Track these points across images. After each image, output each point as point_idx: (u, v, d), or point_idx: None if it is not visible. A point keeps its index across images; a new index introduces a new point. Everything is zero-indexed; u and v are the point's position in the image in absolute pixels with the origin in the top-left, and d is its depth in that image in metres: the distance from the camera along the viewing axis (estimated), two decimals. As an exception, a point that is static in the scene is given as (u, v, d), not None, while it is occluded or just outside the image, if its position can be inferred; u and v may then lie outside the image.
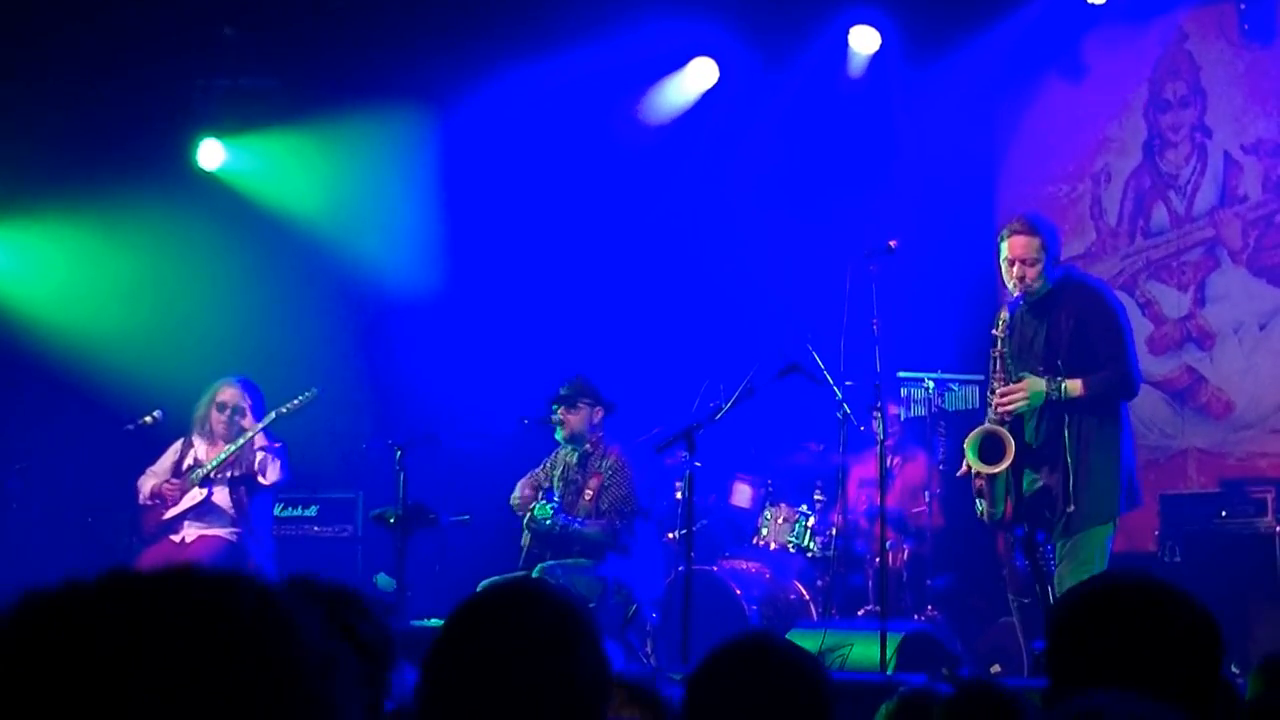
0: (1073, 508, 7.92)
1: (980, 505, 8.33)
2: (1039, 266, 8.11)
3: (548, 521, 9.82)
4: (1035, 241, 8.10)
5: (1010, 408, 8.03)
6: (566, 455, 10.30)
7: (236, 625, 1.41)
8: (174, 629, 1.39)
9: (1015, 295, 8.24)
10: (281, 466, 10.41)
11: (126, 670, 1.37)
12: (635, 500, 10.01)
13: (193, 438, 10.55)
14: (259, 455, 10.36)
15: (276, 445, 10.47)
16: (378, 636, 3.20)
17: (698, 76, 12.79)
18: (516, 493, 10.26)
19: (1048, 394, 8.01)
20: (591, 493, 10.05)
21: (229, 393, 10.49)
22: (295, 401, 10.50)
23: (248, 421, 10.42)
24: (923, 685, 3.76)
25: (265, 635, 1.42)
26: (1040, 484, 8.10)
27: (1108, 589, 3.10)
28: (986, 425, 8.18)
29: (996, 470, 8.04)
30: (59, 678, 1.36)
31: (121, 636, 1.38)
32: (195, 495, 10.35)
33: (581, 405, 10.15)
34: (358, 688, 1.53)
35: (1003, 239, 8.21)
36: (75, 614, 1.41)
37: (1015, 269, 8.15)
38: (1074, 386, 7.99)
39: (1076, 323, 8.09)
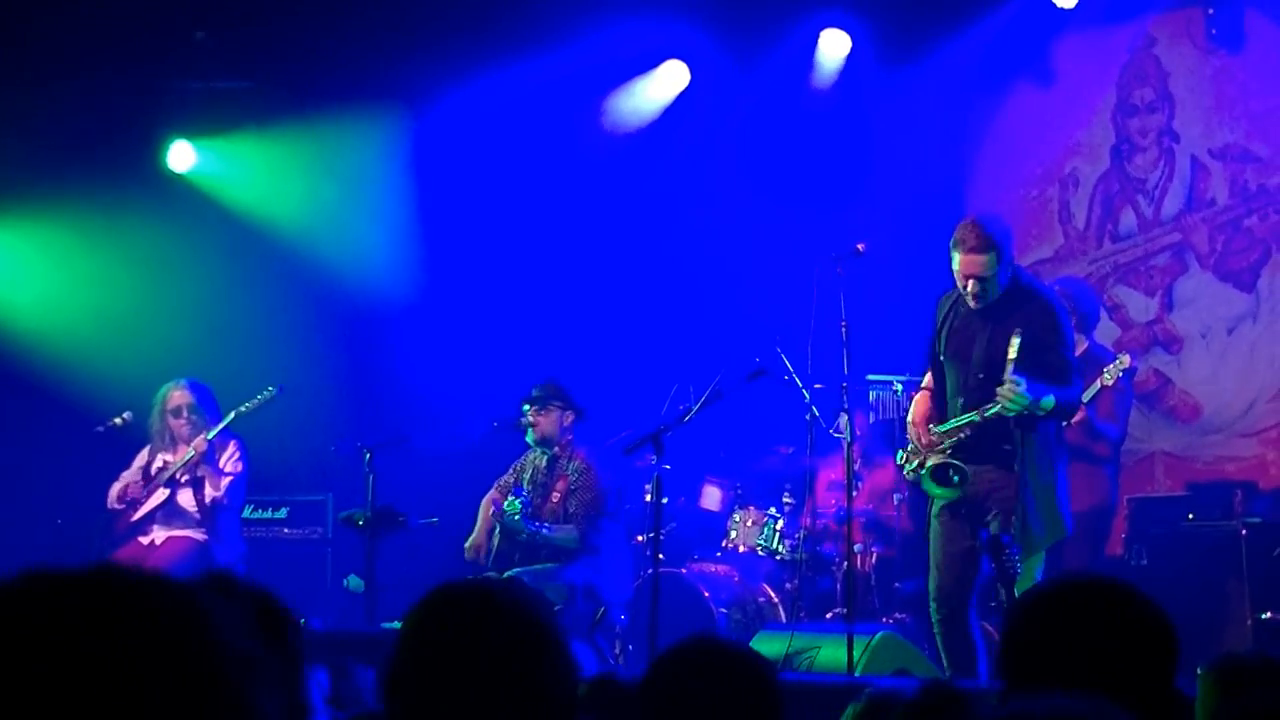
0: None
1: (902, 455, 8.35)
2: (995, 279, 7.91)
3: (516, 517, 9.82)
4: (988, 259, 7.84)
5: (1006, 402, 7.77)
6: (536, 458, 10.31)
7: (153, 624, 1.42)
8: (90, 627, 1.40)
9: (971, 306, 8.13)
10: (230, 485, 10.37)
11: (40, 667, 1.37)
12: (601, 503, 10.02)
13: (156, 447, 10.54)
14: (202, 468, 10.32)
15: (230, 455, 10.44)
16: (294, 637, 3.18)
17: (669, 80, 12.81)
18: (472, 537, 10.23)
19: (1028, 406, 7.76)
20: (559, 495, 10.06)
21: (177, 395, 10.47)
22: (255, 400, 10.50)
23: (206, 421, 10.41)
24: (888, 686, 3.77)
25: (182, 634, 1.42)
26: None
27: (1062, 589, 3.10)
28: (937, 458, 8.11)
29: (951, 494, 8.04)
30: None
31: (36, 634, 1.39)
32: (159, 496, 10.34)
33: (553, 408, 10.15)
34: (276, 687, 1.54)
35: (954, 249, 7.95)
36: None
37: (971, 285, 7.94)
38: (1049, 403, 7.77)
39: (1027, 337, 7.82)
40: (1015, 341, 7.84)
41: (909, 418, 8.45)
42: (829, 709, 4.28)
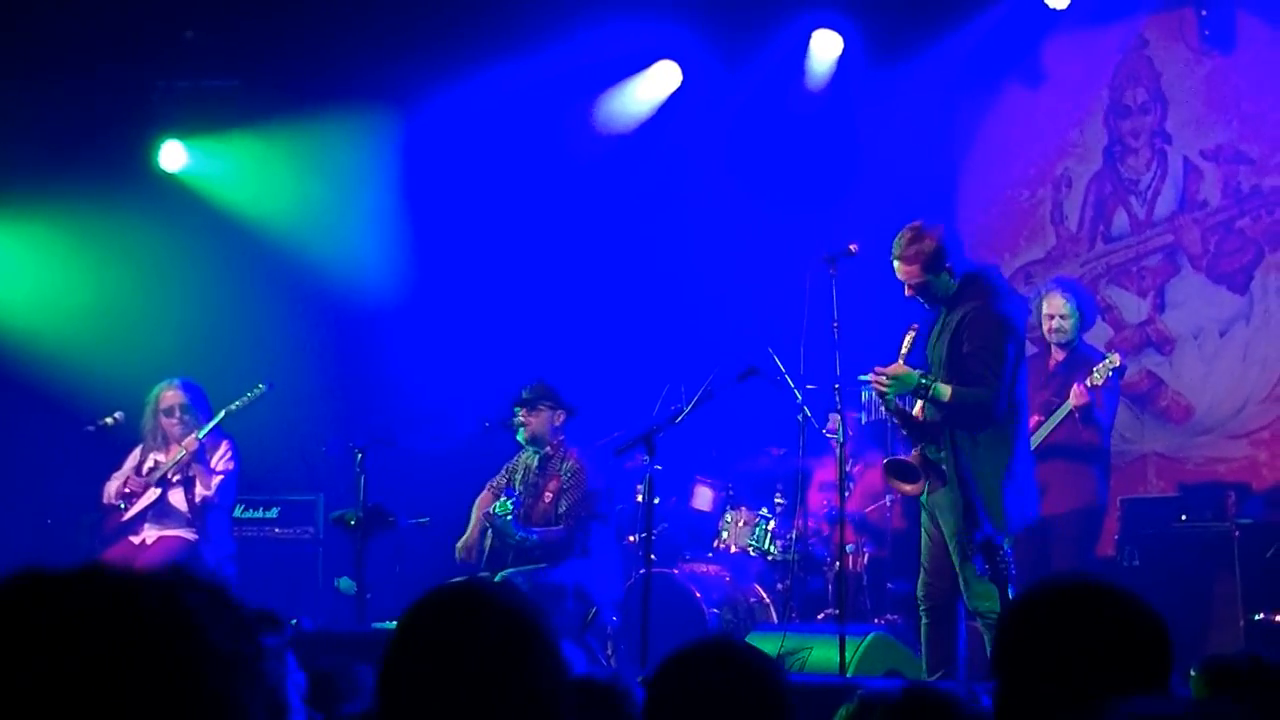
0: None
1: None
2: (917, 283, 8.00)
3: (507, 519, 9.80)
4: (911, 269, 7.96)
5: (876, 388, 7.93)
6: (528, 459, 10.30)
7: (139, 623, 1.41)
8: (77, 627, 1.39)
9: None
10: (221, 484, 10.36)
11: (28, 666, 1.36)
12: (591, 504, 10.00)
13: (148, 446, 10.53)
14: (194, 467, 10.32)
15: (222, 454, 10.43)
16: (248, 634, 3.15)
17: (661, 80, 12.80)
18: (464, 538, 10.22)
19: (916, 387, 7.88)
20: (550, 495, 10.04)
21: (170, 395, 10.46)
22: (244, 398, 10.49)
23: (198, 420, 10.40)
24: (880, 688, 3.76)
25: (168, 633, 1.42)
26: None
27: (1056, 591, 3.09)
28: (897, 457, 8.18)
29: (914, 489, 8.08)
30: None
31: (23, 634, 1.38)
32: (151, 495, 10.33)
33: (542, 408, 10.14)
34: (262, 686, 1.53)
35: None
36: None
37: (905, 286, 8.10)
38: (943, 390, 7.82)
39: (956, 329, 7.93)
40: (909, 336, 8.05)
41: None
42: (821, 710, 4.26)
